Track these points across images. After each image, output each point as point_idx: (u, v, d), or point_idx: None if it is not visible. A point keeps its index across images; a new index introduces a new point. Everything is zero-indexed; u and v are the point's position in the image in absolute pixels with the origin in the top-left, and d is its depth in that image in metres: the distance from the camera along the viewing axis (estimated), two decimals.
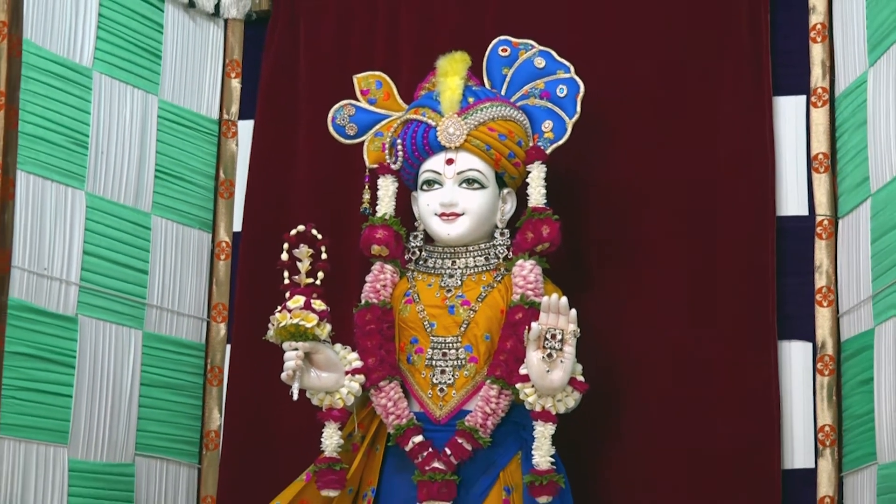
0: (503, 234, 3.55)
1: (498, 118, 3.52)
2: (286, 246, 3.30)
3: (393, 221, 3.55)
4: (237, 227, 4.17)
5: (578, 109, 3.55)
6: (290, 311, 3.26)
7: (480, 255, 3.54)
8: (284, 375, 3.28)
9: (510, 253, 3.52)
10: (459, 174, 3.51)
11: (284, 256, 3.30)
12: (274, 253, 3.32)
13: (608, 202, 3.82)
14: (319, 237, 3.30)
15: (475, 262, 3.54)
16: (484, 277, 3.50)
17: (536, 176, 3.51)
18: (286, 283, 3.31)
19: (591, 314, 3.48)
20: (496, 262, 3.53)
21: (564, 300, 3.28)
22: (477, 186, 3.51)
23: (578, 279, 3.73)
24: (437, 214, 3.52)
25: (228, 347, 4.11)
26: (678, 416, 3.69)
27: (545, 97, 3.59)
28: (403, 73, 3.92)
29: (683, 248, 3.77)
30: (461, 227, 3.51)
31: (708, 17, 3.87)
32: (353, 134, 3.71)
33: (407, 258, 3.59)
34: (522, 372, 3.30)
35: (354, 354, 3.41)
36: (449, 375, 3.42)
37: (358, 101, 3.72)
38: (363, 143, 3.70)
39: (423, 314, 3.46)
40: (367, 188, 3.63)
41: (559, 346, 3.25)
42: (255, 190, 4.13)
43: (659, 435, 3.69)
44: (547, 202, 3.50)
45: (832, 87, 3.77)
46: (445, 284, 3.50)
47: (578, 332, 3.27)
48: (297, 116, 4.12)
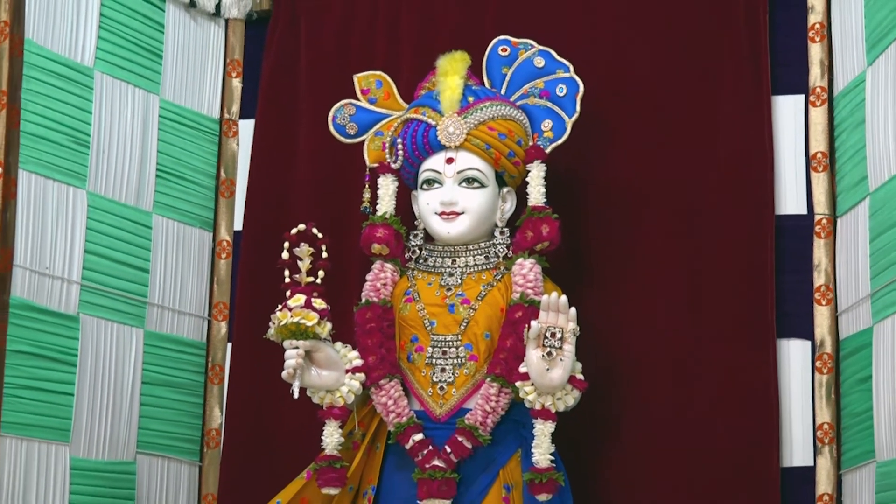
0: (503, 232, 3.56)
1: (498, 117, 3.53)
2: (287, 245, 3.30)
3: (393, 220, 3.56)
4: (238, 225, 4.17)
5: (578, 109, 3.56)
6: (290, 309, 3.27)
7: (480, 253, 3.55)
8: (285, 374, 3.29)
9: (510, 252, 3.53)
10: (459, 173, 3.51)
11: (285, 255, 3.30)
12: (274, 252, 3.32)
13: (607, 201, 3.83)
14: (320, 236, 3.30)
15: (475, 260, 3.54)
16: (484, 276, 3.51)
17: (536, 175, 3.51)
18: (287, 281, 3.31)
19: (590, 312, 3.48)
20: (496, 260, 3.54)
21: (564, 298, 3.29)
22: (477, 185, 3.52)
23: (578, 278, 3.73)
24: (437, 213, 3.52)
25: (229, 346, 4.12)
26: (676, 413, 3.69)
27: (545, 96, 3.59)
28: (404, 72, 3.92)
29: (682, 246, 3.77)
30: (461, 225, 3.51)
31: (707, 16, 3.87)
32: (353, 133, 3.71)
33: (407, 257, 3.59)
34: (522, 370, 3.31)
35: (355, 353, 3.42)
36: (449, 374, 3.43)
37: (358, 100, 3.72)
38: (363, 142, 3.71)
39: (423, 313, 3.47)
40: (367, 187, 3.63)
41: (559, 344, 3.26)
42: (255, 189, 4.14)
43: (657, 432, 3.69)
44: (546, 201, 3.50)
45: (831, 86, 3.77)
46: (445, 283, 3.51)
47: (578, 330, 3.28)
48: (297, 116, 4.13)
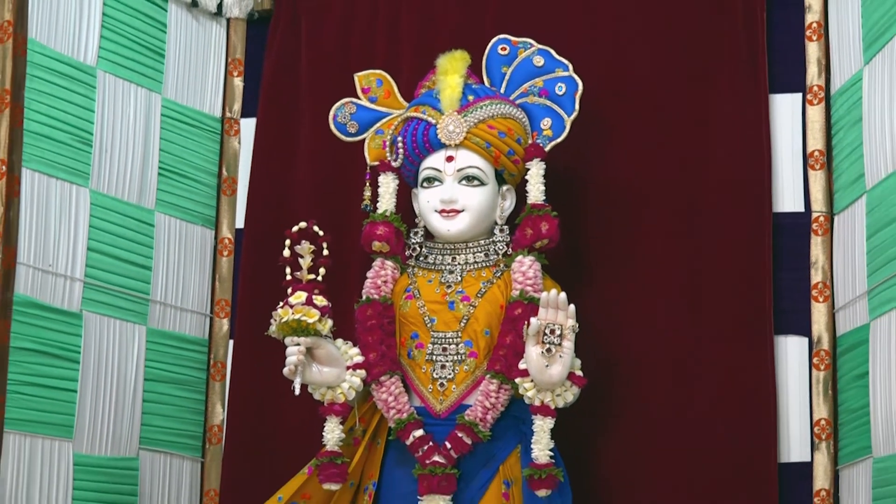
0: (503, 230, 3.57)
1: (497, 116, 3.54)
2: (288, 242, 3.31)
3: (393, 218, 3.57)
4: (240, 223, 4.17)
5: (577, 107, 3.57)
6: (291, 306, 3.28)
7: (480, 251, 3.56)
8: (286, 370, 3.30)
9: (509, 249, 3.54)
10: (459, 171, 3.53)
11: (286, 253, 3.31)
12: (276, 249, 3.34)
13: (606, 199, 3.84)
14: (321, 233, 3.31)
15: (475, 258, 3.55)
16: (484, 273, 3.52)
17: (535, 173, 3.53)
18: (288, 279, 3.32)
19: (589, 310, 3.50)
20: (496, 258, 3.55)
21: (563, 295, 3.30)
22: (477, 183, 3.53)
23: (577, 275, 3.74)
24: (437, 211, 3.53)
25: (231, 343, 4.13)
26: (674, 409, 3.70)
27: (544, 95, 3.60)
28: (404, 71, 3.93)
29: (680, 243, 3.78)
30: (461, 223, 3.52)
31: (705, 15, 3.88)
32: (354, 132, 3.73)
33: (407, 254, 3.60)
34: (522, 367, 3.32)
35: (356, 349, 3.43)
36: (449, 370, 3.44)
37: (359, 99, 3.73)
38: (364, 140, 3.72)
39: (423, 310, 3.48)
40: (367, 185, 3.64)
41: (558, 341, 3.27)
42: (257, 187, 4.14)
43: (656, 429, 3.70)
44: (546, 199, 3.52)
45: (828, 84, 3.79)
46: (445, 280, 3.52)
47: (577, 327, 3.29)
48: (298, 114, 4.13)
